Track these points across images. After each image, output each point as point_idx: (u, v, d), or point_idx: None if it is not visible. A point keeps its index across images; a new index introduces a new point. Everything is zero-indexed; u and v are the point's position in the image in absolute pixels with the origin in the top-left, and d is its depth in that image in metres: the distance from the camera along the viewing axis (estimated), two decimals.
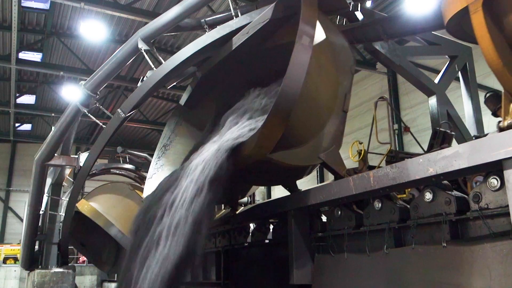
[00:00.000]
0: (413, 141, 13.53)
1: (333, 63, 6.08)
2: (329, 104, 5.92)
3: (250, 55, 6.74)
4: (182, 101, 7.58)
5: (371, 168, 5.82)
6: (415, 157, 4.35)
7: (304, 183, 6.74)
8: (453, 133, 6.38)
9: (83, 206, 11.15)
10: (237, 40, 6.72)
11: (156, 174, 6.89)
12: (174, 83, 9.60)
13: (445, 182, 4.24)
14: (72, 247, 12.76)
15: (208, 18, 9.10)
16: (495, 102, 5.18)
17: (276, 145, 5.15)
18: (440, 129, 6.32)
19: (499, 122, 3.85)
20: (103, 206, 11.30)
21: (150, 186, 6.56)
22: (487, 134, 4.50)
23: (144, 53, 7.67)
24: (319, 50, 5.66)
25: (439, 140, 6.12)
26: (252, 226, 8.02)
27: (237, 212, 8.11)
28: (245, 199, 10.46)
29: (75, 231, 11.50)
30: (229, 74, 7.20)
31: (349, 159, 6.45)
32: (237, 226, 8.00)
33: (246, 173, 5.90)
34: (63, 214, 10.39)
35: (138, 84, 7.69)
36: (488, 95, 5.46)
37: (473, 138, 4.24)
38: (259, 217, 7.24)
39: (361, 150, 6.10)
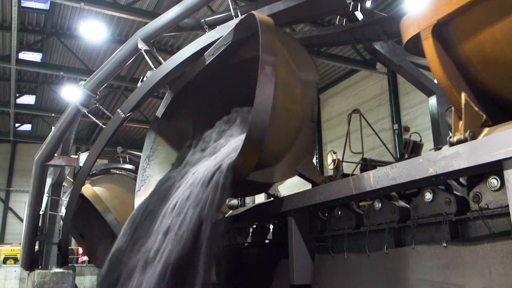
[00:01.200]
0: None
1: (296, 77, 6.40)
2: (298, 119, 6.26)
3: (219, 70, 7.04)
4: (159, 113, 7.79)
5: (345, 175, 6.15)
6: (387, 165, 4.62)
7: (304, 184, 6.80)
8: (422, 143, 6.66)
9: (87, 189, 11.45)
10: (203, 61, 7.07)
11: (144, 186, 7.18)
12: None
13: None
14: (71, 235, 12.96)
15: (208, 18, 9.10)
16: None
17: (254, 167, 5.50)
18: (410, 139, 6.62)
19: (449, 137, 4.08)
20: (105, 193, 11.68)
21: (140, 199, 6.85)
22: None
23: (144, 53, 7.68)
24: (282, 69, 5.99)
25: (408, 150, 6.42)
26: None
27: (225, 215, 8.22)
28: (235, 202, 10.54)
29: (77, 219, 11.74)
30: (202, 87, 7.47)
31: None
32: (236, 227, 8.03)
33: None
34: (63, 214, 10.39)
35: (138, 85, 7.70)
36: (447, 109, 5.57)
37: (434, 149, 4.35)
38: (260, 217, 7.24)
39: (336, 159, 6.47)
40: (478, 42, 3.91)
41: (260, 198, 14.24)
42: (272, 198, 8.03)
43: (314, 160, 20.08)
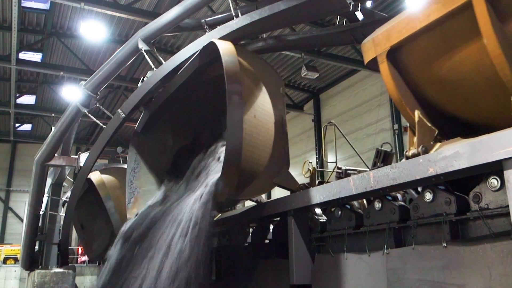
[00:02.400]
0: None
1: (264, 93, 6.69)
2: (270, 134, 6.57)
3: (193, 85, 7.41)
4: (138, 128, 8.04)
5: (321, 183, 6.60)
6: (362, 173, 4.96)
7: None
8: (393, 152, 6.98)
9: (95, 175, 11.31)
10: (173, 84, 7.47)
11: (134, 198, 7.53)
12: None
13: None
14: (72, 223, 13.06)
15: (209, 19, 9.10)
16: None
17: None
18: (381, 148, 6.93)
19: (406, 151, 4.49)
20: (111, 182, 11.57)
21: (131, 212, 7.27)
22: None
23: (145, 54, 7.68)
24: (250, 90, 6.40)
25: (380, 159, 6.73)
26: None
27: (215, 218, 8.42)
28: None
29: (82, 209, 11.70)
30: (178, 100, 7.80)
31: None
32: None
33: None
34: (63, 214, 10.39)
35: (139, 85, 7.70)
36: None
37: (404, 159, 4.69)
38: (260, 217, 7.24)
39: (311, 168, 7.03)
40: (426, 66, 4.36)
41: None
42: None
43: (314, 160, 20.32)
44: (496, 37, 3.46)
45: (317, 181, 7.00)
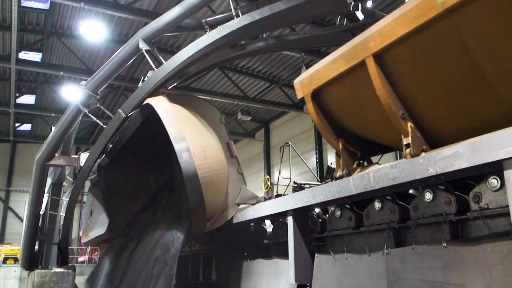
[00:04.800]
0: None
1: (207, 130, 7.44)
2: (223, 163, 7.34)
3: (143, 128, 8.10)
4: (104, 163, 8.80)
5: (279, 195, 7.45)
6: (314, 186, 5.75)
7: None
8: None
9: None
10: (124, 134, 8.26)
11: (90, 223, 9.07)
12: (175, 83, 9.61)
13: None
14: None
15: (209, 18, 9.10)
16: None
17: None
18: (331, 165, 7.61)
19: (334, 172, 5.42)
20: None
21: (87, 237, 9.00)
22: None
23: (145, 53, 7.68)
24: (194, 134, 7.10)
25: (330, 174, 7.33)
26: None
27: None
28: None
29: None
30: (135, 141, 8.53)
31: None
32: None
33: None
34: (63, 214, 10.37)
35: (139, 84, 7.70)
36: None
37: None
38: (260, 217, 7.24)
39: (269, 183, 8.04)
40: (341, 104, 5.40)
41: None
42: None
43: (314, 160, 20.71)
44: (383, 88, 4.45)
45: (274, 194, 7.90)
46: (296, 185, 7.26)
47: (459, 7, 3.66)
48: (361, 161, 5.68)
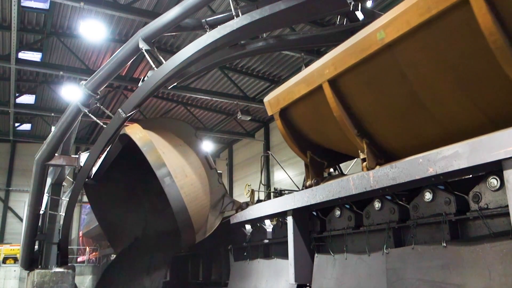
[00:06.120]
0: None
1: (184, 148, 7.83)
2: (204, 178, 7.77)
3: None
4: (90, 183, 9.23)
5: (260, 201, 7.87)
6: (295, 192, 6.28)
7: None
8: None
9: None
10: (106, 161, 8.74)
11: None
12: (175, 83, 9.60)
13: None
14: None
15: (209, 18, 9.09)
16: None
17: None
18: None
19: (305, 181, 5.98)
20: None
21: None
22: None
23: (145, 53, 7.67)
24: (174, 157, 7.53)
25: None
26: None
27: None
28: None
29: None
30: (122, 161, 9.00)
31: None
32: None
33: None
34: (63, 214, 10.36)
35: (139, 84, 7.70)
36: None
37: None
38: (260, 217, 7.25)
39: (250, 190, 8.52)
40: (306, 120, 5.97)
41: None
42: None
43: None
44: (339, 110, 4.99)
45: (255, 200, 8.33)
46: (276, 191, 7.65)
47: (395, 43, 4.14)
48: (331, 169, 6.57)
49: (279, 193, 7.59)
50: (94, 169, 9.18)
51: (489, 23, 3.42)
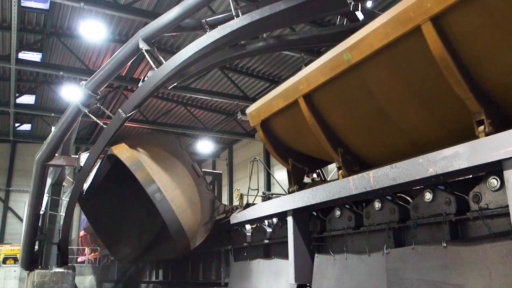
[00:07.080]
0: None
1: (170, 161, 8.05)
2: (192, 186, 7.95)
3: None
4: (84, 197, 9.49)
5: (248, 205, 8.10)
6: (283, 196, 6.56)
7: None
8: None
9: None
10: (101, 172, 9.01)
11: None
12: (175, 83, 9.60)
13: None
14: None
15: (209, 18, 9.09)
16: None
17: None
18: None
19: (290, 187, 6.33)
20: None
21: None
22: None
23: (145, 53, 7.68)
24: (162, 171, 7.74)
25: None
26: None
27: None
28: None
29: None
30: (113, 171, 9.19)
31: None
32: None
33: None
34: (63, 214, 10.37)
35: (139, 84, 7.70)
36: None
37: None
38: (260, 217, 7.24)
39: (240, 194, 9.04)
40: (286, 130, 6.26)
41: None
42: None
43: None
44: (315, 122, 5.33)
45: (244, 203, 8.62)
46: (264, 195, 7.94)
47: (361, 63, 4.48)
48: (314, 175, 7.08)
49: (267, 197, 7.78)
50: (85, 186, 9.43)
51: (440, 49, 3.70)
